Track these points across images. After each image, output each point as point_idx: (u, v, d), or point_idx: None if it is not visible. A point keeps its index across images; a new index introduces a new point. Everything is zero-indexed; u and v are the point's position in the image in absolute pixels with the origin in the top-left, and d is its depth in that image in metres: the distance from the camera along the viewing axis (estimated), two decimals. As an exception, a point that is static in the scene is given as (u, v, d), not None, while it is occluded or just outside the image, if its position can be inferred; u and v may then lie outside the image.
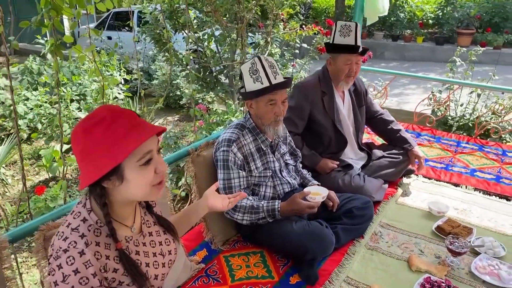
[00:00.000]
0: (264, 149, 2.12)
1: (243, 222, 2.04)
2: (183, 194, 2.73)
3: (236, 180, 2.02)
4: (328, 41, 2.67)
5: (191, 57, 2.75)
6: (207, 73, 4.79)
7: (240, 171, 2.03)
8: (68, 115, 4.57)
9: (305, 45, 5.01)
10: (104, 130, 1.03)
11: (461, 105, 4.41)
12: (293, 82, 2.57)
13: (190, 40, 2.78)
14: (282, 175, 2.19)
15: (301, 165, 2.43)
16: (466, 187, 2.85)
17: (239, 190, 2.02)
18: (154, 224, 1.33)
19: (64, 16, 1.89)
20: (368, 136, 3.51)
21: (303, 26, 4.64)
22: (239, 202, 2.00)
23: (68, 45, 2.21)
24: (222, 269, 1.99)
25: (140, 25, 4.98)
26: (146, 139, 1.05)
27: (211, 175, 2.14)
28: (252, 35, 4.91)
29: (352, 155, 2.80)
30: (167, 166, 1.14)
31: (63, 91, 4.77)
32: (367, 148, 2.89)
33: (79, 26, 7.81)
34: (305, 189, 2.08)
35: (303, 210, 1.99)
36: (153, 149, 1.10)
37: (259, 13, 4.45)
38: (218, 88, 4.80)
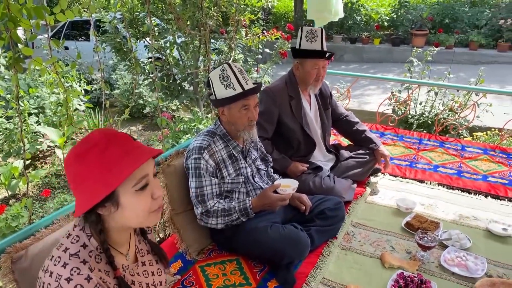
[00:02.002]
0: (236, 155, 2.11)
1: (218, 227, 2.02)
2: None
3: (209, 188, 2.00)
4: (291, 46, 2.71)
5: (155, 65, 2.70)
6: (171, 80, 4.74)
7: (212, 178, 2.01)
8: (26, 129, 4.39)
9: (267, 50, 5.06)
10: (98, 155, 0.98)
11: (420, 103, 4.58)
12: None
13: (152, 48, 2.74)
14: (254, 181, 2.19)
15: (272, 170, 2.44)
16: (430, 183, 2.95)
17: (211, 197, 2.01)
18: (147, 253, 1.28)
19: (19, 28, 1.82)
20: (335, 137, 3.57)
21: (265, 31, 4.68)
22: (212, 207, 1.99)
23: (22, 56, 2.13)
24: (198, 279, 1.96)
25: (99, 34, 4.87)
26: (141, 164, 0.99)
27: (183, 184, 2.12)
28: (215, 41, 4.91)
29: (321, 157, 2.84)
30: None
31: (21, 105, 4.57)
32: (335, 150, 2.95)
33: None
34: (275, 182, 2.09)
35: (274, 203, 2.00)
36: (149, 173, 1.05)
37: (221, 20, 4.46)
38: (183, 95, 4.75)
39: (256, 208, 2.01)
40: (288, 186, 2.06)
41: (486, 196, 2.77)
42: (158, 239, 2.39)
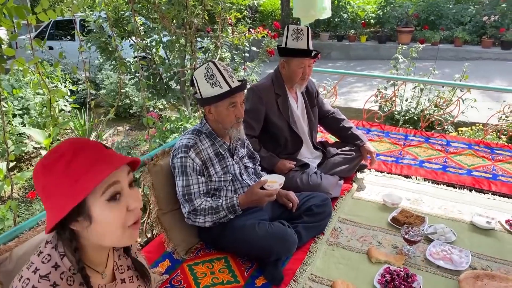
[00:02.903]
0: (223, 153, 2.11)
1: (206, 225, 2.02)
2: (140, 205, 2.67)
3: (196, 186, 2.00)
4: (278, 44, 2.72)
5: (140, 64, 2.69)
6: (157, 80, 4.71)
7: (199, 176, 2.01)
8: (11, 131, 4.33)
9: (254, 48, 5.06)
10: (65, 167, 0.91)
11: (406, 100, 4.62)
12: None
13: (138, 47, 2.73)
14: (242, 178, 2.19)
15: (259, 168, 2.45)
16: (416, 178, 2.99)
17: (199, 196, 2.00)
18: (128, 269, 1.19)
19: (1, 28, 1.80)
20: (322, 135, 3.59)
21: (251, 29, 4.68)
22: (199, 206, 1.99)
23: (5, 57, 2.11)
24: (186, 278, 1.96)
25: (84, 33, 4.82)
26: (109, 173, 0.91)
27: (169, 184, 2.11)
28: (201, 40, 4.89)
29: (308, 154, 2.86)
30: (141, 202, 0.98)
31: (4, 106, 4.51)
32: (322, 147, 2.97)
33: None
34: (262, 178, 2.09)
35: (262, 199, 2.00)
36: (121, 181, 0.96)
37: (207, 18, 4.45)
38: (170, 94, 4.73)
39: (243, 205, 2.01)
40: (274, 182, 2.06)
41: (470, 190, 2.81)
42: (146, 239, 2.38)
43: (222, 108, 2.00)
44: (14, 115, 4.73)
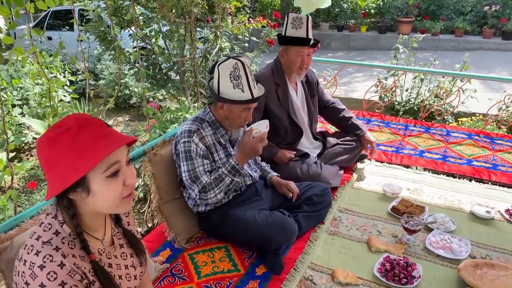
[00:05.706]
0: (224, 143, 2.11)
1: (218, 197, 2.00)
2: (141, 195, 2.68)
3: (201, 168, 1.99)
4: (278, 33, 2.70)
5: (140, 54, 2.67)
6: (157, 70, 4.69)
7: (203, 160, 2.00)
8: (10, 121, 4.32)
9: (254, 38, 5.03)
10: (70, 141, 0.97)
11: (406, 90, 4.61)
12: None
13: (137, 37, 2.70)
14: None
15: (260, 158, 2.45)
16: (416, 168, 2.99)
17: (204, 173, 1.99)
18: (124, 235, 1.27)
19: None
20: (322, 125, 3.59)
21: (251, 19, 4.65)
22: (206, 182, 1.98)
23: (4, 46, 2.09)
24: (187, 267, 1.97)
25: (82, 23, 4.79)
26: (112, 151, 0.98)
27: (170, 173, 2.11)
28: (201, 30, 4.86)
29: (308, 145, 2.86)
30: (136, 178, 1.07)
31: (4, 96, 4.50)
32: (322, 137, 2.96)
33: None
34: (247, 129, 2.07)
35: (256, 146, 1.98)
36: (121, 160, 1.04)
37: (206, 7, 4.42)
38: (169, 85, 4.71)
39: (241, 161, 2.00)
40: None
41: (470, 180, 2.82)
42: (147, 228, 2.39)
43: (235, 109, 2.00)
44: (13, 106, 4.71)
